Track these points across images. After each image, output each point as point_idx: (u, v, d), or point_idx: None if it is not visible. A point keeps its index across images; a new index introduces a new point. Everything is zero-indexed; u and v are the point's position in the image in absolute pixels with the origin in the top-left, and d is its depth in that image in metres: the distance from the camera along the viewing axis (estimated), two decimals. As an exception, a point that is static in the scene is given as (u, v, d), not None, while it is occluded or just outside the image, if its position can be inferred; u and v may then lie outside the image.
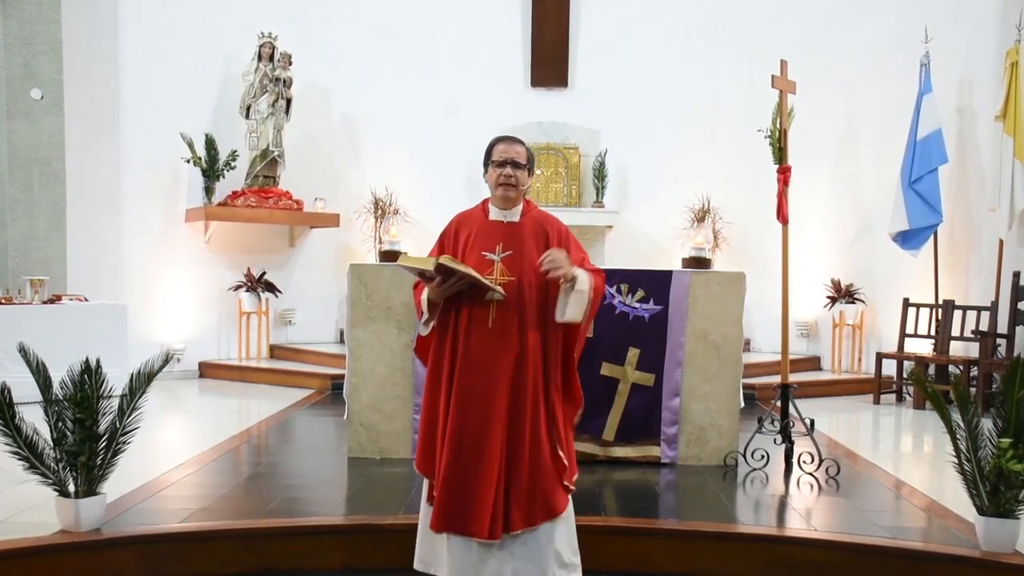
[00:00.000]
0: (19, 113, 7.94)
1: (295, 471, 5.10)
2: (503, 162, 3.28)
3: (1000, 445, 3.48)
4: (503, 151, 3.30)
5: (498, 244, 3.25)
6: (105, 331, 7.33)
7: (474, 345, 3.19)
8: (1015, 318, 7.24)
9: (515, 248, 3.24)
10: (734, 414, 5.22)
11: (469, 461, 3.16)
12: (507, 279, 3.20)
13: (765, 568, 3.76)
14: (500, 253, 3.24)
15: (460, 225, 3.37)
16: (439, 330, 3.30)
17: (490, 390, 3.17)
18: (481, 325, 3.19)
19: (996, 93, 7.65)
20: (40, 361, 3.64)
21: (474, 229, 3.31)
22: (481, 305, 3.19)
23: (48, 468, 3.56)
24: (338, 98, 9.72)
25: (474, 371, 3.18)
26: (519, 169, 3.29)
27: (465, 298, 3.21)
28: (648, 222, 9.71)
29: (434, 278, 3.16)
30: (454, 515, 3.17)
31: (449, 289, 3.17)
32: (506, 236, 3.27)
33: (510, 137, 3.39)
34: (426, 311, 3.29)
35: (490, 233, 3.28)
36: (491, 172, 3.32)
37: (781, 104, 5.26)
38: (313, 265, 9.67)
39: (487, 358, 3.17)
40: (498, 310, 3.18)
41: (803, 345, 9.22)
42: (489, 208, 3.36)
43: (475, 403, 3.17)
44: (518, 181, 3.29)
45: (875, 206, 8.53)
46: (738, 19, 9.45)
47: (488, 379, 3.17)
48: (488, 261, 3.23)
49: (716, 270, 8.74)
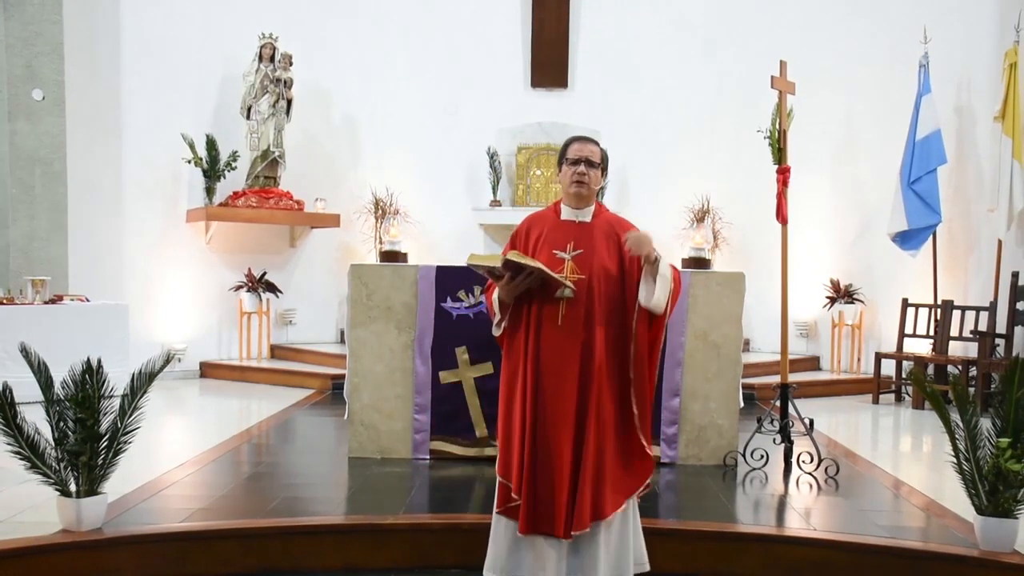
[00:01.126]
0: (21, 113, 7.95)
1: (295, 471, 5.11)
2: (577, 160, 3.31)
3: (999, 445, 3.49)
4: (577, 150, 3.33)
5: (569, 243, 3.27)
6: (106, 331, 7.33)
7: (544, 344, 3.20)
8: (1014, 318, 7.25)
9: (586, 247, 3.25)
10: (734, 414, 5.23)
11: (544, 461, 3.17)
12: (577, 277, 3.21)
13: (764, 568, 3.76)
14: (571, 252, 3.26)
15: (532, 225, 3.39)
16: (511, 331, 3.30)
17: (560, 389, 3.18)
18: (551, 323, 3.20)
19: (995, 94, 7.66)
20: (41, 361, 3.64)
21: (545, 228, 3.34)
22: (551, 303, 3.20)
23: (49, 468, 3.56)
24: (338, 98, 9.73)
25: (545, 371, 3.19)
26: (592, 168, 3.32)
27: (536, 296, 3.21)
28: (648, 222, 9.47)
29: (503, 276, 3.17)
30: (536, 516, 3.18)
31: (519, 286, 3.18)
32: (577, 235, 3.28)
33: (585, 137, 3.43)
34: (497, 311, 3.30)
35: (561, 232, 3.30)
36: (565, 170, 3.34)
37: (780, 104, 5.27)
38: (314, 265, 9.69)
39: (556, 357, 3.18)
40: (568, 308, 3.19)
41: (802, 345, 9.23)
42: (561, 208, 3.38)
43: (547, 403, 3.18)
44: (591, 180, 3.31)
45: (874, 206, 8.54)
46: (738, 19, 9.46)
47: (558, 378, 3.18)
48: (559, 259, 3.24)
49: (716, 270, 8.76)
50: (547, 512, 3.17)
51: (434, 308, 5.16)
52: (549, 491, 3.16)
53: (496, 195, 9.72)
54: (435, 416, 5.17)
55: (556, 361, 3.18)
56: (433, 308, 5.16)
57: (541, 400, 3.19)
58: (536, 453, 3.18)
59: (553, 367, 3.18)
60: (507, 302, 3.25)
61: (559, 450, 3.16)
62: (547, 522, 3.17)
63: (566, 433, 3.16)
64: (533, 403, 3.19)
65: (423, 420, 5.19)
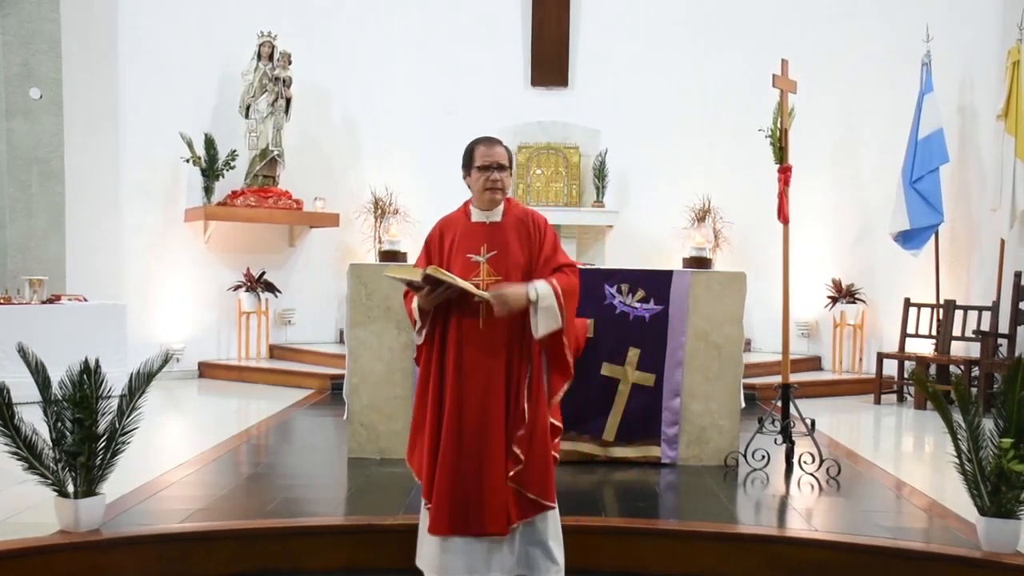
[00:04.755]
0: (18, 112, 7.93)
1: (295, 471, 5.09)
2: (488, 166, 3.28)
3: (1001, 445, 3.48)
4: (486, 154, 3.30)
5: (482, 245, 3.27)
6: (104, 331, 7.32)
7: (467, 349, 3.21)
8: (1016, 318, 7.23)
9: (499, 248, 3.25)
10: (735, 414, 5.21)
11: (470, 464, 3.17)
12: (494, 279, 3.22)
13: (766, 568, 3.75)
14: (485, 254, 3.26)
15: (444, 229, 3.38)
16: (430, 336, 3.31)
17: (485, 393, 3.19)
18: (472, 328, 3.21)
19: (997, 92, 7.64)
20: (39, 361, 3.63)
21: (458, 232, 3.33)
22: (471, 309, 3.21)
23: (47, 468, 3.55)
24: (338, 98, 9.72)
25: (468, 375, 3.20)
26: (503, 172, 3.30)
27: (455, 303, 3.22)
28: (648, 222, 9.70)
29: (422, 288, 3.17)
30: (457, 518, 3.18)
31: (439, 297, 3.19)
32: (490, 236, 3.28)
33: (489, 139, 3.38)
34: (418, 319, 3.30)
35: (473, 235, 3.30)
36: (475, 176, 3.31)
37: (782, 104, 5.25)
38: (313, 265, 9.67)
39: (480, 361, 3.19)
40: (488, 312, 3.18)
41: (804, 345, 9.21)
42: (471, 210, 3.36)
43: (472, 407, 3.19)
44: (504, 184, 3.30)
45: (876, 206, 8.52)
46: (739, 18, 9.45)
47: (482, 382, 3.19)
48: (474, 263, 3.25)
49: (716, 270, 8.73)
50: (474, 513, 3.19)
51: (434, 308, 5.13)
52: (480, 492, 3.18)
53: (496, 194, 9.69)
54: (435, 416, 5.15)
55: (480, 365, 3.19)
56: (433, 308, 5.13)
57: (466, 405, 3.19)
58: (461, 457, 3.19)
59: (476, 371, 3.19)
60: (427, 309, 3.27)
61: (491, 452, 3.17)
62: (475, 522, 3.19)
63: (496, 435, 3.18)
64: (455, 408, 3.20)
65: (423, 420, 5.16)
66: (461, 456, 3.19)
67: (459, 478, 3.19)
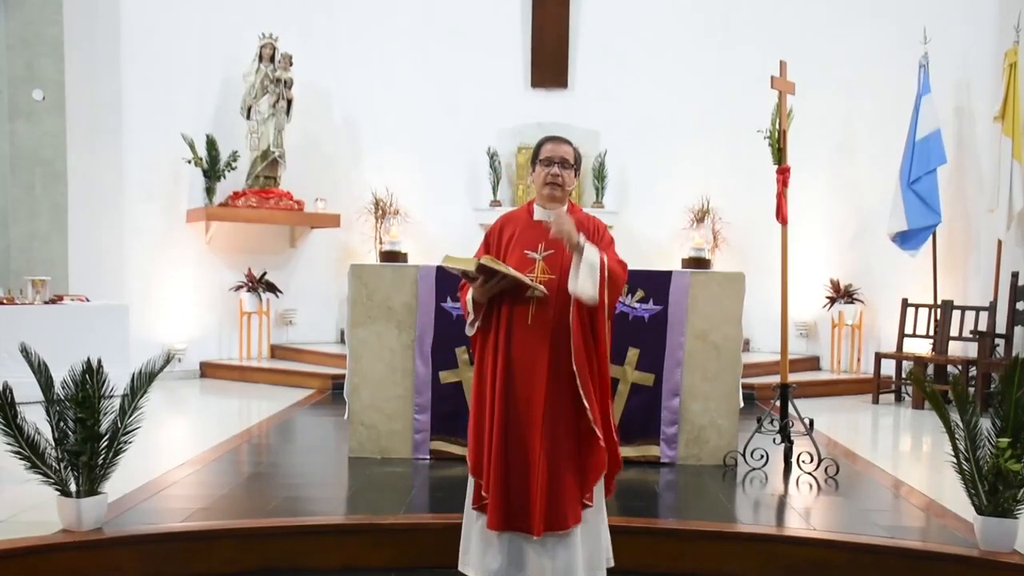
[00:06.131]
0: (21, 114, 7.96)
1: (296, 471, 5.11)
2: (551, 160, 3.31)
3: (998, 445, 3.49)
4: (551, 150, 3.33)
5: (540, 243, 3.28)
6: (106, 331, 7.33)
7: (515, 343, 3.22)
8: (1013, 318, 7.25)
9: (556, 247, 3.25)
10: (733, 414, 5.23)
11: (515, 459, 3.19)
12: (548, 277, 3.23)
13: (764, 567, 3.77)
14: (542, 252, 3.27)
15: (505, 224, 3.41)
16: (483, 329, 3.33)
17: (530, 388, 3.19)
18: (521, 323, 3.22)
19: (995, 94, 7.66)
20: (42, 361, 3.65)
21: (518, 228, 3.35)
22: (522, 303, 3.22)
23: (49, 468, 3.57)
24: (338, 98, 9.74)
25: (514, 369, 3.21)
26: (566, 169, 3.32)
27: (507, 296, 3.24)
28: (648, 222, 9.72)
29: (477, 278, 3.19)
30: (508, 513, 3.19)
31: (492, 288, 3.21)
32: (548, 235, 3.27)
33: (558, 137, 3.41)
34: (471, 311, 3.32)
35: (533, 232, 3.31)
36: (538, 171, 3.34)
37: (780, 105, 5.27)
38: (314, 265, 9.69)
39: (527, 356, 3.20)
40: (537, 307, 3.21)
41: (802, 345, 9.23)
42: (534, 208, 3.39)
43: (518, 401, 3.20)
44: (564, 180, 3.32)
45: (874, 206, 8.53)
46: (737, 20, 9.46)
47: (528, 377, 3.19)
48: (530, 259, 3.26)
49: (715, 270, 8.76)
50: (520, 510, 3.18)
51: (434, 308, 5.16)
52: (521, 490, 3.17)
53: (496, 195, 9.73)
54: (435, 416, 5.18)
55: (526, 360, 3.20)
56: (433, 308, 5.16)
57: (512, 399, 3.20)
58: (507, 451, 3.19)
59: (523, 366, 3.20)
60: (481, 302, 3.28)
61: (529, 449, 3.17)
62: (520, 520, 3.18)
63: (535, 432, 3.18)
64: (504, 402, 3.21)
65: (423, 420, 5.19)
66: (508, 451, 3.19)
67: (507, 472, 3.19)
